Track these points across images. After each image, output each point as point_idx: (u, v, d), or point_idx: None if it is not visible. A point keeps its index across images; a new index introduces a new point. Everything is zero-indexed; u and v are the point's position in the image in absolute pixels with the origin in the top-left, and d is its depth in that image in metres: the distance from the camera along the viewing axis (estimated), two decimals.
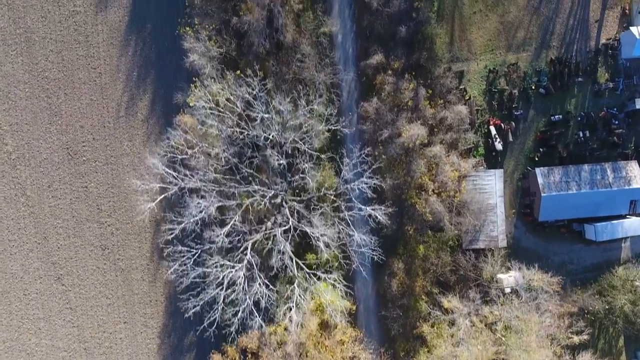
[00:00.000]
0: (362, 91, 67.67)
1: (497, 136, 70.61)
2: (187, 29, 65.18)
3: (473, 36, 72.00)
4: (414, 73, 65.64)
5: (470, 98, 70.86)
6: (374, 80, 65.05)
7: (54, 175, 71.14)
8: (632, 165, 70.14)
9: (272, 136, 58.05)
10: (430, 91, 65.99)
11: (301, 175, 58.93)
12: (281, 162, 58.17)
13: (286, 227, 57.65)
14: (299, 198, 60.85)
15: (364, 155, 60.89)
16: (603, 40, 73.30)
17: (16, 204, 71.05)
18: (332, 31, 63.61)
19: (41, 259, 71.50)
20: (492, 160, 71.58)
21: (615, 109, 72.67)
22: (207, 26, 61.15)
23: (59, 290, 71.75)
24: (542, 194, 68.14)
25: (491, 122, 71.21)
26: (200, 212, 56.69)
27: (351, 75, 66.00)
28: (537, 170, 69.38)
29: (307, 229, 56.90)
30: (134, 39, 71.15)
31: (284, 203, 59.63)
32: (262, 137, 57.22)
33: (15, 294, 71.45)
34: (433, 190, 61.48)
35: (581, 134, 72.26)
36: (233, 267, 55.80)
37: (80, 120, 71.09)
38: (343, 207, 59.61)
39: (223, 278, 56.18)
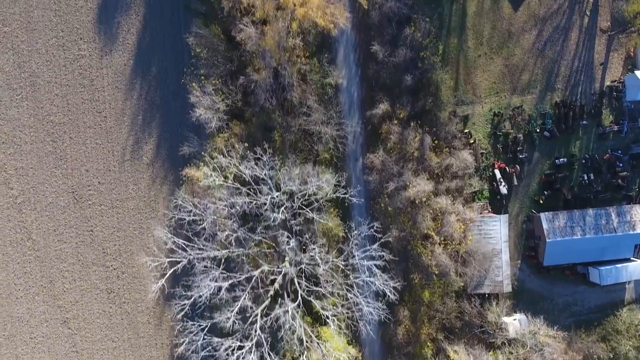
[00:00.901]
0: (367, 140, 67.83)
1: (502, 180, 70.73)
2: (194, 84, 64.75)
3: (478, 79, 72.08)
4: (419, 122, 65.74)
5: (475, 141, 70.96)
6: (379, 129, 65.18)
7: (59, 219, 71.22)
8: (637, 210, 70.30)
9: (282, 214, 58.58)
10: (435, 140, 66.09)
11: (310, 254, 59.43)
12: (291, 244, 58.84)
13: (295, 305, 58.11)
14: (309, 268, 61.12)
15: (372, 230, 61.58)
16: (608, 83, 73.43)
17: (22, 248, 71.12)
18: (338, 82, 63.62)
19: (47, 302, 71.65)
20: (497, 203, 71.75)
21: (619, 152, 72.83)
22: (213, 80, 61.12)
23: (65, 333, 71.92)
24: (547, 240, 68.33)
25: (496, 166, 71.35)
26: (211, 292, 57.44)
27: (357, 127, 66.20)
28: (542, 215, 69.54)
29: (318, 305, 57.38)
30: (139, 82, 71.16)
31: (293, 279, 59.94)
32: (272, 218, 57.55)
33: (21, 338, 71.62)
34: (439, 243, 61.72)
35: (585, 177, 72.43)
36: (242, 347, 56.15)
37: (85, 164, 71.15)
38: (351, 277, 59.91)
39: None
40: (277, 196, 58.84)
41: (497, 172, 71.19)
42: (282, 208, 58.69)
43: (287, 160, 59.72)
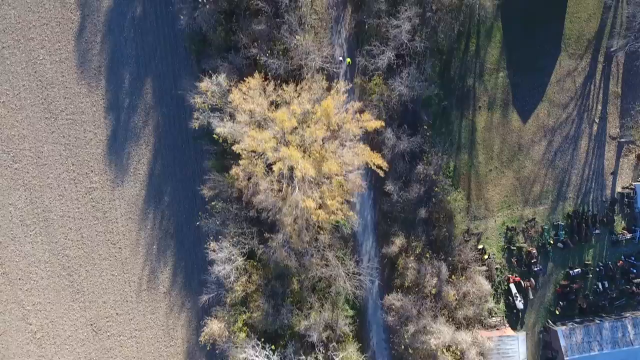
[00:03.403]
0: (384, 276, 68.16)
1: (517, 295, 71.11)
2: (211, 244, 64.14)
3: (490, 194, 72.24)
4: (435, 255, 65.94)
5: (489, 257, 71.27)
6: (396, 262, 65.49)
7: (79, 351, 71.60)
8: None
9: None
10: (450, 268, 66.32)
11: None
12: None
13: None
14: None
15: None
16: (619, 189, 73.64)
17: None
18: (354, 226, 63.81)
19: None
20: (513, 317, 72.16)
21: (632, 258, 73.19)
22: (230, 236, 61.18)
23: None
24: (565, 358, 68.82)
25: (511, 280, 71.67)
26: None
27: (374, 266, 66.48)
28: (559, 331, 69.96)
29: None
30: (152, 212, 71.30)
31: None
32: None
33: None
34: None
35: (600, 285, 72.84)
36: None
37: (102, 296, 71.44)
38: None
39: None
40: None
41: (512, 286, 71.53)
42: None
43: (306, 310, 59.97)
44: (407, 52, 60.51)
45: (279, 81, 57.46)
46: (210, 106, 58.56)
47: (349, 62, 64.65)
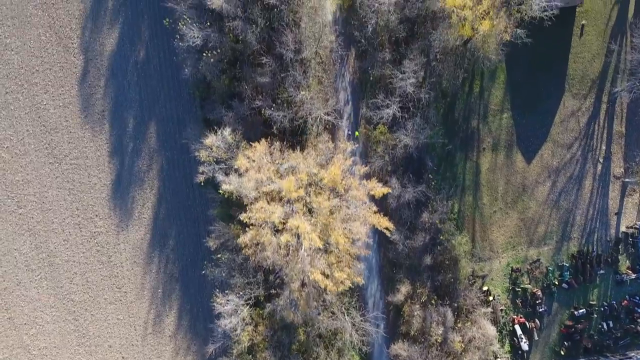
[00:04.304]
0: (390, 324, 68.20)
1: (522, 336, 71.24)
2: (218, 298, 64.00)
3: (494, 235, 72.31)
4: (440, 301, 66.08)
5: (494, 298, 71.36)
6: (401, 309, 65.60)
7: None
8: None
9: None
10: (456, 314, 66.43)
11: None
12: None
13: None
14: None
15: None
16: (623, 229, 73.73)
17: None
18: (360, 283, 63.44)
19: None
20: (519, 359, 72.27)
21: (637, 297, 73.31)
22: (236, 283, 61.16)
23: None
24: None
25: (516, 321, 71.79)
26: None
27: (380, 315, 66.51)
28: None
29: None
30: (157, 256, 71.30)
31: None
32: None
33: None
34: None
35: (604, 325, 73.01)
36: None
37: (108, 340, 71.49)
38: None
39: None
40: None
41: (517, 327, 71.64)
42: None
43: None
44: (412, 103, 60.43)
45: (283, 135, 57.42)
46: (215, 159, 58.55)
47: (358, 135, 64.68)
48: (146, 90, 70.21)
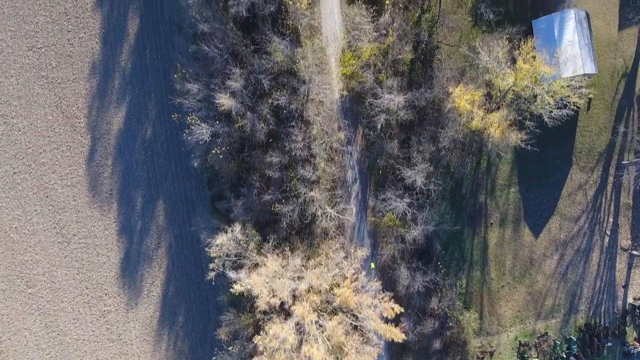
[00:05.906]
0: None
1: None
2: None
3: (502, 309, 72.49)
4: None
5: None
6: None
7: None
8: None
9: None
10: None
11: None
12: None
13: None
14: None
15: None
16: (630, 300, 73.80)
17: None
18: None
19: None
20: None
21: None
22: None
23: None
24: None
25: None
26: None
27: None
28: None
29: None
30: (167, 333, 71.70)
31: None
32: None
33: None
34: None
35: None
36: None
37: None
38: None
39: None
40: None
41: None
42: None
43: None
44: (422, 194, 60.54)
45: (292, 228, 57.55)
46: (225, 254, 58.73)
47: (373, 267, 64.86)
48: (154, 168, 70.36)
